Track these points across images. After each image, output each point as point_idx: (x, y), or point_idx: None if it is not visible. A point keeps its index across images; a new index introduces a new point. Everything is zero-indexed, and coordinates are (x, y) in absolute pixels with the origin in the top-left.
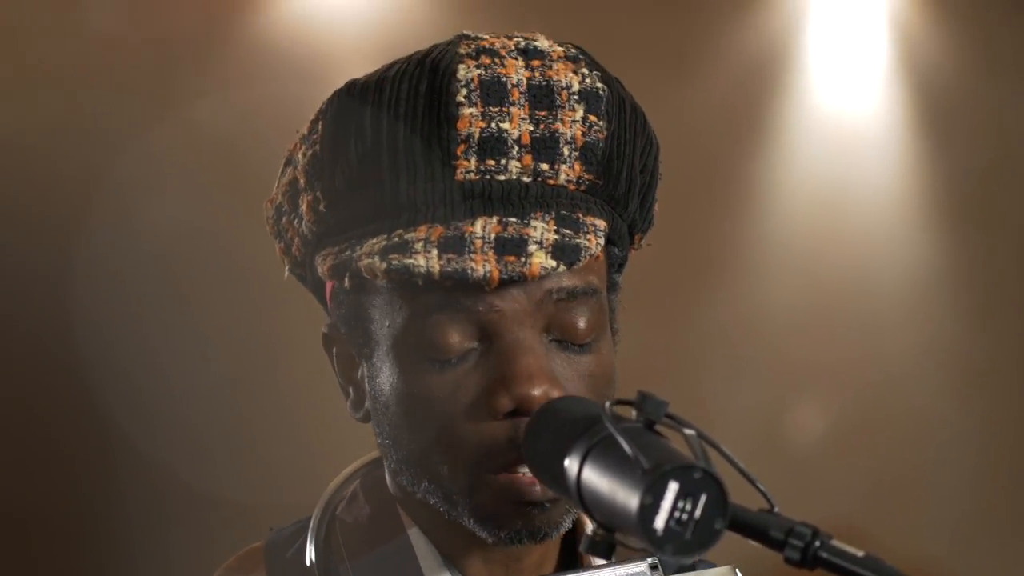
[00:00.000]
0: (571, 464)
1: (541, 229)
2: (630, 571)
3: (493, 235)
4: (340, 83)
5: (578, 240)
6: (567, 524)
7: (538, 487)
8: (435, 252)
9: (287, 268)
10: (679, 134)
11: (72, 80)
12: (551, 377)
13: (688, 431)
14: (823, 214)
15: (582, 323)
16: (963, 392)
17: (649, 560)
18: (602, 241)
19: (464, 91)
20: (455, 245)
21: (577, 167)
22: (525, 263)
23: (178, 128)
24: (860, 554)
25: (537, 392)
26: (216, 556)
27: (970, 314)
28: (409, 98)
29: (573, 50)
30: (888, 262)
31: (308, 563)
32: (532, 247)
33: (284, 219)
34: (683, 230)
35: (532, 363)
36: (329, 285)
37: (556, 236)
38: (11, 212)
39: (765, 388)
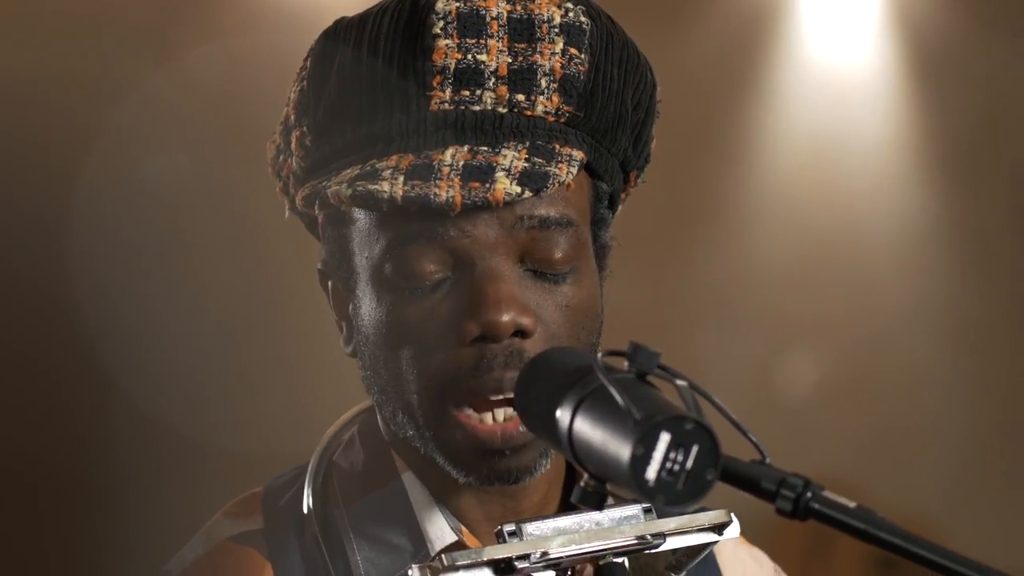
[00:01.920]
0: (563, 415)
1: (511, 157)
2: (624, 514)
3: (461, 162)
4: None
5: (548, 168)
6: (543, 467)
7: (498, 435)
8: (401, 179)
9: (287, 208)
10: (672, 86)
11: (71, 29)
12: (520, 304)
13: (680, 382)
14: (816, 167)
15: (557, 252)
16: (956, 344)
17: (643, 504)
18: (575, 171)
19: (441, 23)
20: (422, 172)
21: (555, 99)
22: (489, 188)
23: (176, 77)
24: (852, 505)
25: (505, 318)
26: (210, 504)
27: (963, 266)
28: (389, 32)
29: None
30: (880, 214)
31: (305, 510)
32: (499, 174)
33: (281, 158)
34: (676, 183)
35: (501, 289)
36: (320, 222)
37: (526, 164)
38: (10, 160)
39: (758, 340)
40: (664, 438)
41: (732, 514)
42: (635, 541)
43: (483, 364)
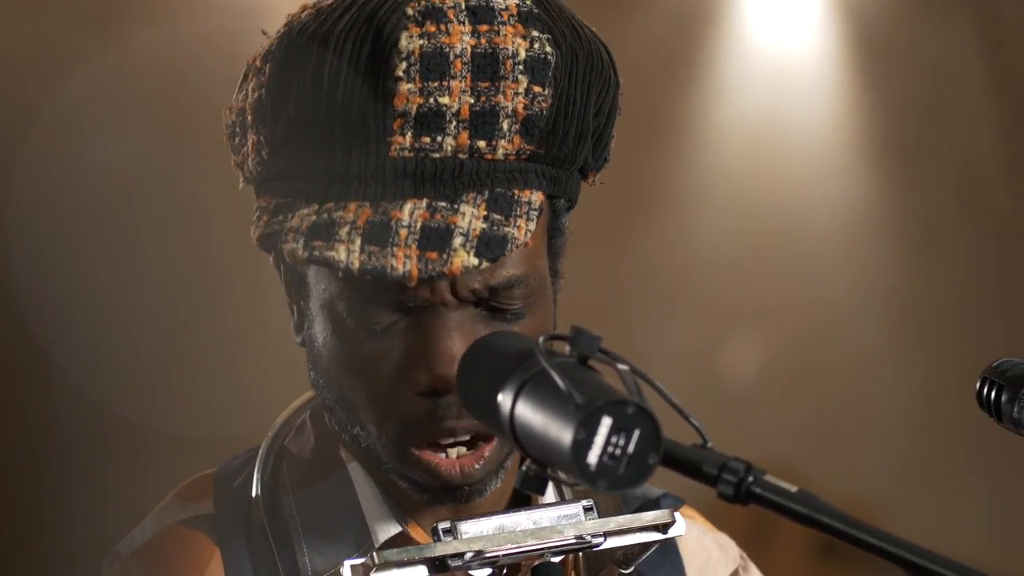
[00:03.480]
0: (504, 399)
1: (470, 216)
2: (565, 512)
3: (419, 224)
4: (286, 15)
5: (506, 230)
6: (496, 484)
7: (457, 470)
8: (358, 243)
9: (241, 180)
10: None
11: (14, 9)
12: None
13: (621, 366)
14: (759, 153)
15: (515, 302)
16: (901, 330)
17: (584, 502)
18: (532, 226)
19: (404, 64)
20: (379, 236)
21: (517, 140)
22: (446, 261)
23: (122, 59)
24: (793, 490)
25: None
26: (154, 488)
27: (908, 252)
28: (351, 61)
29: (528, 4)
30: (824, 201)
31: (253, 495)
32: (457, 240)
33: (237, 139)
34: (617, 168)
35: (454, 345)
36: None
37: (484, 225)
38: None
39: (701, 325)
40: (606, 422)
41: (677, 513)
42: (574, 541)
43: (436, 414)
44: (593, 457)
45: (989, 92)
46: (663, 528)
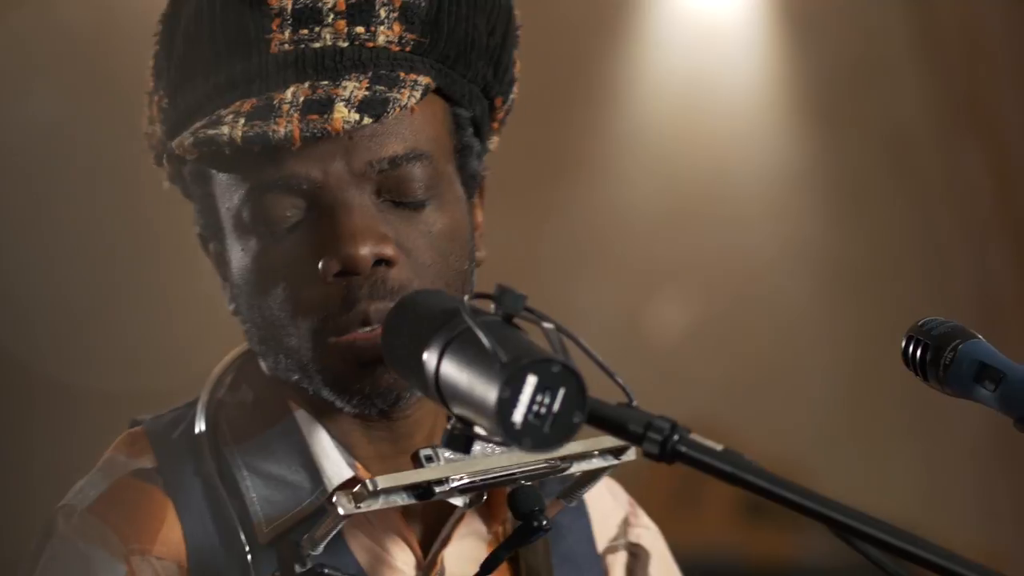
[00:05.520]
0: (429, 358)
1: (352, 88)
2: None
3: (302, 98)
4: None
5: (389, 95)
6: (416, 393)
7: (371, 342)
8: (241, 121)
9: (166, 178)
10: (542, 31)
11: None
12: (377, 234)
13: (547, 324)
14: (686, 113)
15: (414, 183)
16: (828, 289)
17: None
18: (418, 94)
19: None
20: (262, 113)
21: (397, 27)
22: (328, 119)
23: (40, 18)
24: (719, 448)
25: (364, 251)
26: (79, 445)
27: (835, 212)
28: None
29: None
30: (752, 159)
31: (197, 431)
32: (338, 104)
33: (151, 128)
34: (544, 126)
35: (357, 222)
36: (188, 181)
37: (367, 92)
38: None
39: (627, 284)
40: (531, 381)
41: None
42: (545, 465)
43: (349, 298)
44: (518, 416)
45: (916, 52)
46: (616, 453)
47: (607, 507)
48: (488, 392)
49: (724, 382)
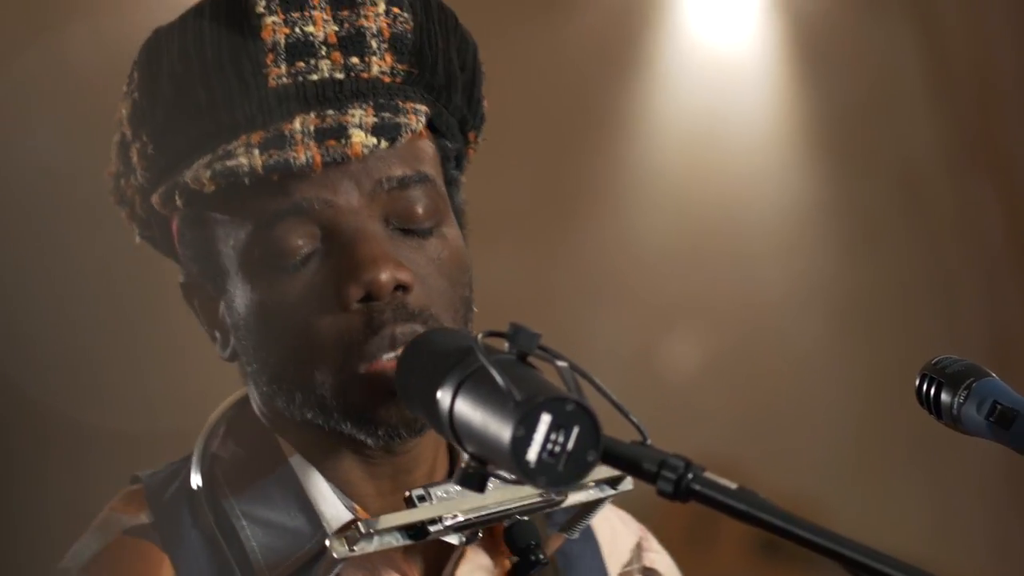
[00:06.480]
0: (443, 396)
1: (359, 115)
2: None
3: (312, 127)
4: None
5: (398, 119)
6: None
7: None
8: (256, 151)
9: (137, 233)
10: (554, 66)
11: None
12: (395, 260)
13: (560, 363)
14: (698, 147)
15: (419, 208)
16: (840, 326)
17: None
18: (423, 120)
19: (263, 2)
20: (276, 142)
21: (388, 58)
22: (346, 143)
23: (46, 57)
24: (733, 487)
25: (384, 276)
26: (94, 483)
27: (847, 248)
28: (212, 21)
29: None
30: (764, 196)
31: (195, 487)
32: (352, 129)
33: (122, 181)
34: (557, 162)
35: (375, 249)
36: (175, 231)
37: (375, 119)
38: None
39: (640, 320)
40: (545, 419)
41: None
42: (540, 499)
43: (373, 323)
44: (532, 454)
45: (928, 89)
46: (613, 483)
47: (616, 532)
48: (502, 430)
49: (736, 417)
